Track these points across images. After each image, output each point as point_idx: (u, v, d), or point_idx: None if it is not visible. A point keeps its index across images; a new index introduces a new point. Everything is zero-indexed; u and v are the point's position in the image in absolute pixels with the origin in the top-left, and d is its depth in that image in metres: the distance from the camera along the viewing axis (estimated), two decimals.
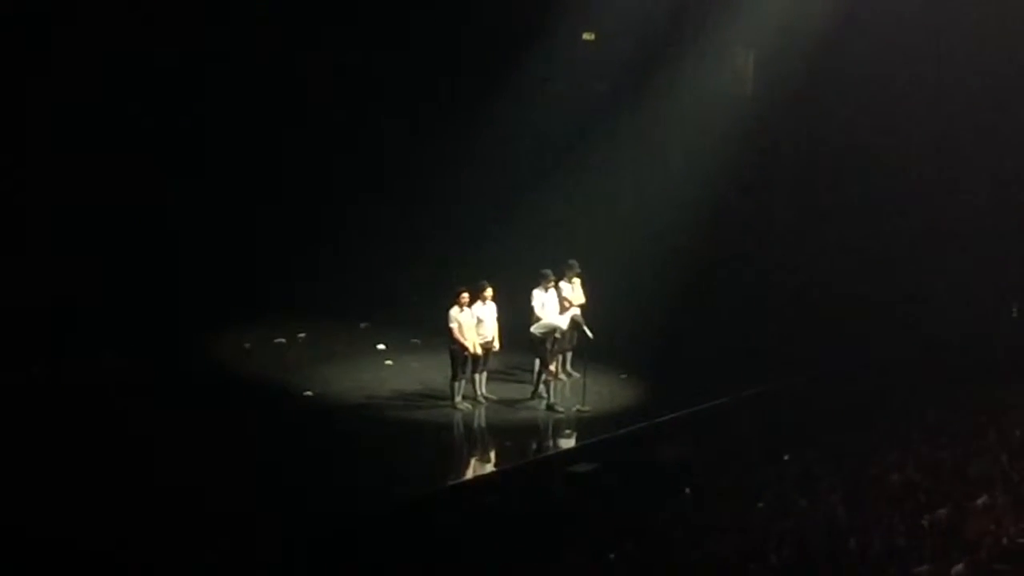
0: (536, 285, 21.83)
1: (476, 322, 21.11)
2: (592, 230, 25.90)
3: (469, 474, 19.40)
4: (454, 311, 20.93)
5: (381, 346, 24.60)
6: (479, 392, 21.55)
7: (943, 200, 25.16)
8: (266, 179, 27.37)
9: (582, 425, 20.91)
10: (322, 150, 27.97)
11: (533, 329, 21.51)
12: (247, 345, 24.62)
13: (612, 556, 15.01)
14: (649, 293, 24.65)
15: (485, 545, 15.65)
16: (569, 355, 22.68)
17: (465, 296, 21.00)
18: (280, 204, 27.49)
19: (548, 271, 21.93)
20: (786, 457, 18.61)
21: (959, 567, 13.80)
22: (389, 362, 23.90)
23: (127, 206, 25.51)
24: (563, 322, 21.47)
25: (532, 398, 21.74)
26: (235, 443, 19.14)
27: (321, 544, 15.69)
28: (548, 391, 21.57)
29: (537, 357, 21.62)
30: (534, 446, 20.48)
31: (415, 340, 24.62)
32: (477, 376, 21.47)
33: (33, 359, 22.01)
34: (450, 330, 20.86)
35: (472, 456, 20.50)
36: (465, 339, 20.86)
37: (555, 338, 21.50)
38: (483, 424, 21.15)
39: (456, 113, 27.31)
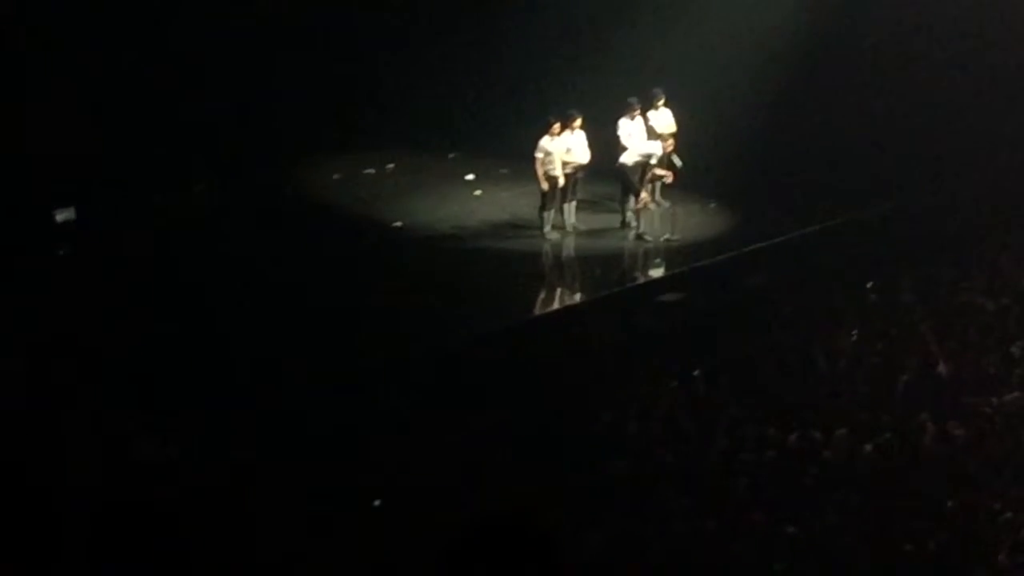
0: (622, 114, 21.72)
1: (565, 151, 21.07)
2: (681, 59, 25.53)
3: (558, 303, 19.53)
4: (544, 140, 20.87)
5: (470, 176, 24.61)
6: (568, 222, 21.58)
7: None
8: (359, 9, 27.08)
9: (671, 254, 20.97)
10: None
11: (624, 159, 21.41)
12: (335, 176, 24.73)
13: (696, 373, 15.16)
14: (738, 121, 24.36)
15: (575, 373, 15.81)
16: (659, 184, 22.60)
17: (556, 125, 20.95)
18: (370, 33, 27.24)
19: (634, 99, 21.71)
20: (869, 284, 18.54)
21: None
22: (478, 192, 23.93)
23: (219, 35, 25.42)
24: (655, 148, 21.38)
25: (621, 227, 21.77)
26: (324, 274, 19.35)
27: (412, 374, 15.90)
28: (638, 220, 21.57)
29: (625, 186, 21.59)
30: (622, 276, 20.56)
31: (504, 170, 24.58)
32: (566, 206, 21.47)
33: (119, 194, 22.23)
34: (534, 159, 20.87)
35: (561, 286, 20.62)
36: (551, 169, 20.86)
37: (646, 166, 21.43)
38: (572, 254, 21.27)
39: None
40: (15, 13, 22.47)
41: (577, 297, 19.80)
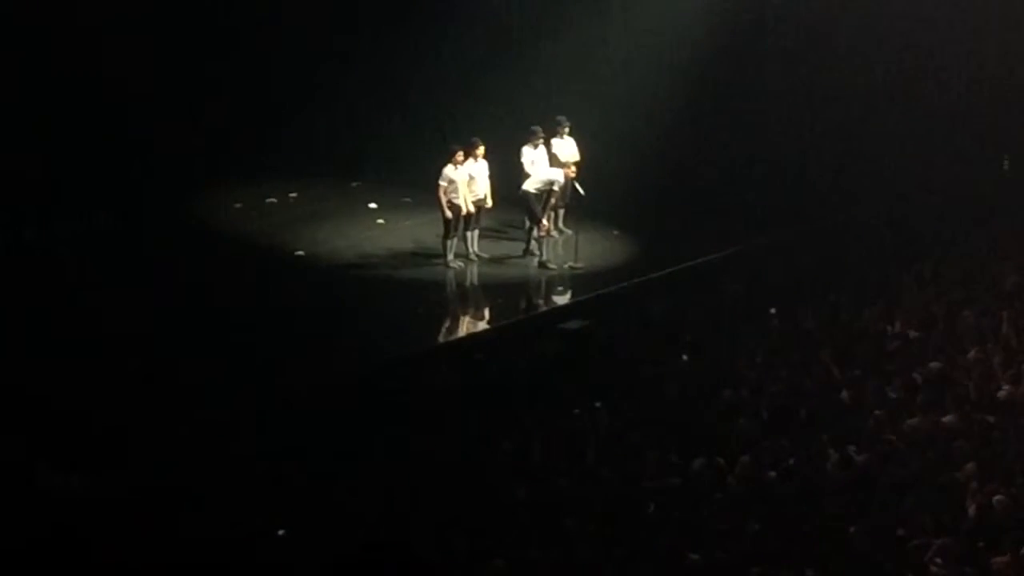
0: (525, 142, 21.70)
1: (468, 179, 20.98)
2: (588, 85, 25.56)
3: (461, 332, 19.41)
4: (447, 169, 20.78)
5: (373, 205, 24.48)
6: (471, 250, 21.49)
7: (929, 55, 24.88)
8: (262, 36, 26.85)
9: (574, 282, 20.92)
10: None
11: (527, 186, 21.36)
12: (238, 204, 24.49)
13: (598, 405, 15.08)
14: (643, 149, 24.40)
15: (477, 402, 15.68)
16: (562, 212, 22.56)
17: (460, 154, 20.87)
18: (273, 61, 27.03)
19: (538, 127, 21.78)
20: (772, 311, 18.57)
21: (950, 418, 13.89)
22: (381, 221, 23.79)
23: (123, 63, 25.15)
24: (558, 175, 21.36)
25: (524, 255, 21.71)
26: (225, 303, 19.11)
27: (315, 403, 15.71)
28: (540, 248, 21.52)
29: (528, 214, 21.53)
30: (526, 303, 20.49)
31: (407, 199, 24.47)
32: (469, 234, 21.39)
33: (24, 221, 21.92)
34: (437, 187, 20.77)
35: (464, 314, 20.51)
36: (454, 198, 20.77)
37: (549, 194, 21.39)
38: (475, 282, 21.17)
39: None
40: None
41: (479, 325, 19.69)
